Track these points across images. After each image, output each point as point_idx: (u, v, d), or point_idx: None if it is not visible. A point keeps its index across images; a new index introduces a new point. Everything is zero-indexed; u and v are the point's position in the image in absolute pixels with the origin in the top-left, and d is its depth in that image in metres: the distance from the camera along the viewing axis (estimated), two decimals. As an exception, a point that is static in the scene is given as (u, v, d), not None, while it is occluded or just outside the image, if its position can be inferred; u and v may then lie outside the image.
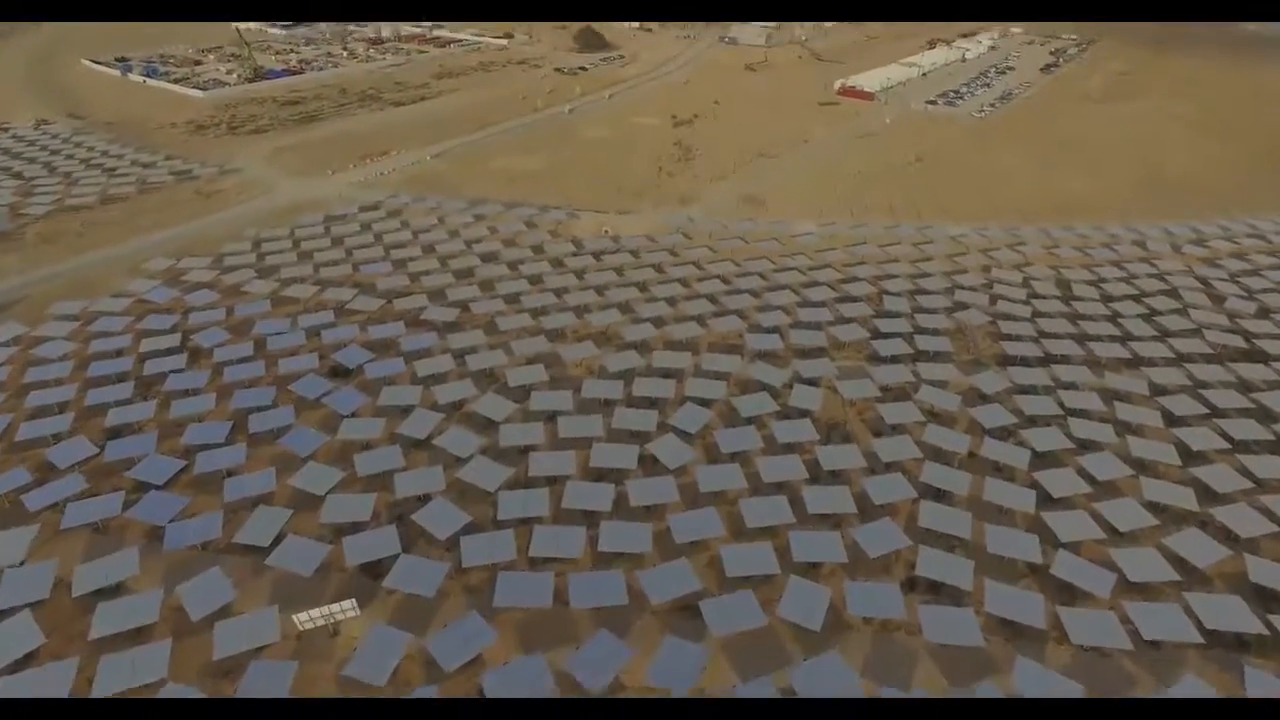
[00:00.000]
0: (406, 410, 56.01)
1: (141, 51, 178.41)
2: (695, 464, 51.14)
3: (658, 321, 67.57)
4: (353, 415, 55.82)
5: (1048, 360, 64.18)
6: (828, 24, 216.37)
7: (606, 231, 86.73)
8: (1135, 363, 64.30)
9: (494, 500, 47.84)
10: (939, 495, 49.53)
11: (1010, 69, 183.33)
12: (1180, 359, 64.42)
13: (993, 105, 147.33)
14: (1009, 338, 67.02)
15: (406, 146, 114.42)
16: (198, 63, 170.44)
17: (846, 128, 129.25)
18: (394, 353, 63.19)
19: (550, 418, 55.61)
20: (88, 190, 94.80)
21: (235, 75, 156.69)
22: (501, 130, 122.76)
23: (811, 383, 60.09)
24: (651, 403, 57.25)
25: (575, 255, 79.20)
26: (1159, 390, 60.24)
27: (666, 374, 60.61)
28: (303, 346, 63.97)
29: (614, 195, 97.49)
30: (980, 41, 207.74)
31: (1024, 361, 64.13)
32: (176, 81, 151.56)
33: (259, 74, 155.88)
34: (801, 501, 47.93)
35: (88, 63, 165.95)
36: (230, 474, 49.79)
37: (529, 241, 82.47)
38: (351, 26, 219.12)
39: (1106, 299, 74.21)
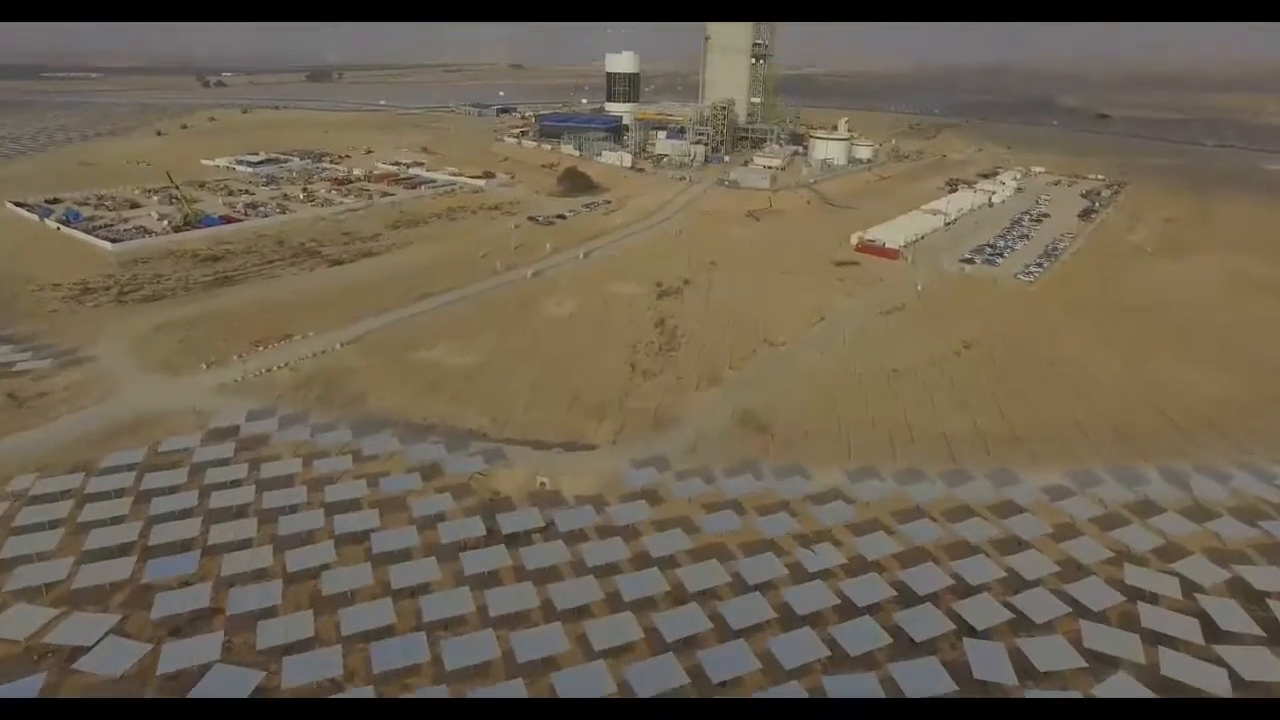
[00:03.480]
0: None
1: (84, 191, 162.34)
2: None
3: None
4: None
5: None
6: (836, 163, 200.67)
7: (543, 484, 60.32)
8: None
9: None
10: None
11: (1045, 215, 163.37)
12: None
13: (1039, 264, 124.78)
14: (1200, 748, 38.37)
15: (320, 325, 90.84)
16: (135, 205, 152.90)
17: (870, 298, 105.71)
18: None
19: None
20: None
21: (166, 222, 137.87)
22: (444, 303, 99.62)
23: None
24: None
25: (482, 547, 52.07)
26: None
27: None
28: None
29: (566, 412, 71.97)
30: (1004, 183, 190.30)
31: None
32: (95, 229, 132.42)
33: (189, 221, 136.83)
34: None
35: (10, 205, 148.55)
36: None
37: (422, 509, 55.78)
38: (325, 164, 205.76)
39: (1336, 637, 45.70)
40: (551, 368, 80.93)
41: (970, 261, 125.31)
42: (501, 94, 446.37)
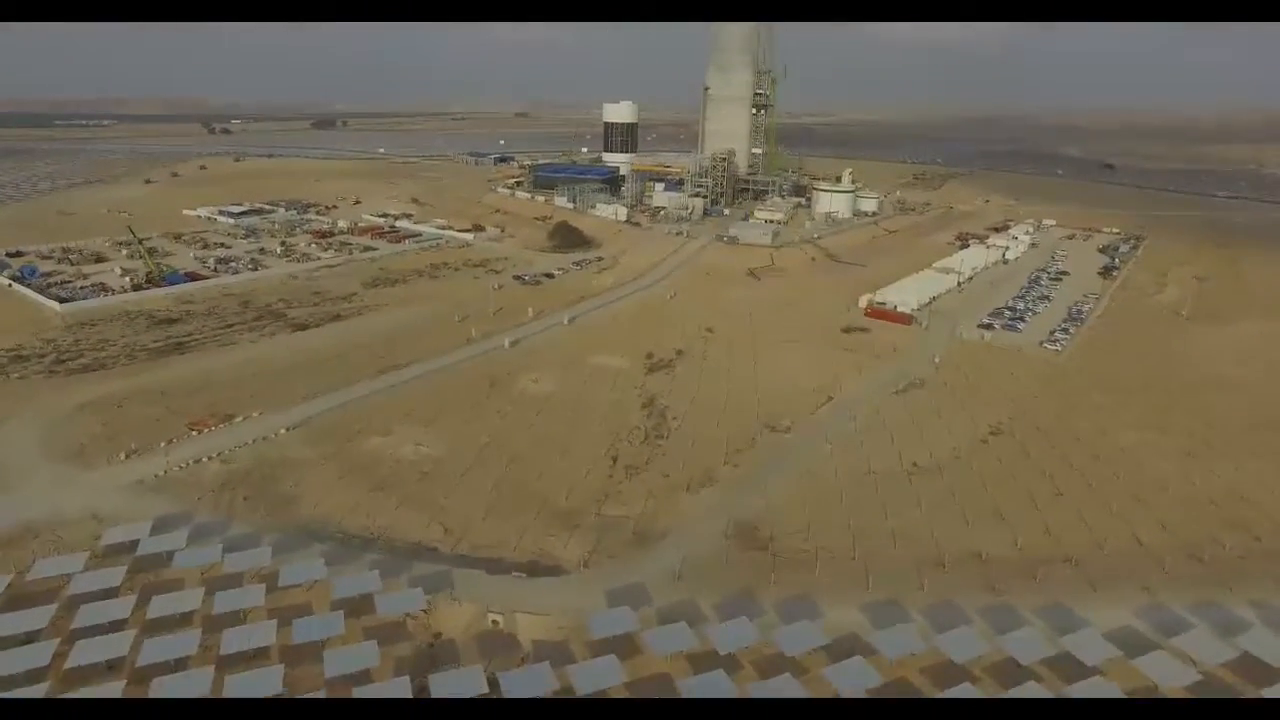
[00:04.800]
0: None
1: (51, 243, 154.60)
2: None
3: None
4: None
5: None
6: (841, 216, 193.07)
7: (495, 623, 49.35)
8: None
9: None
10: None
11: (1064, 273, 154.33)
12: None
13: (1064, 330, 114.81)
14: None
15: (268, 403, 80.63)
16: (100, 259, 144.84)
17: (883, 372, 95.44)
18: None
19: None
20: None
21: (128, 279, 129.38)
22: (409, 378, 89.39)
23: None
24: None
25: (403, 726, 40.86)
26: None
27: None
28: None
29: (533, 521, 61.15)
30: (1016, 237, 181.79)
31: None
32: (49, 286, 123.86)
33: (152, 278, 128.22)
34: None
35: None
36: None
37: (339, 665, 44.42)
38: (311, 215, 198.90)
39: None
40: (520, 462, 70.29)
41: (989, 327, 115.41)
42: (502, 142, 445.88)
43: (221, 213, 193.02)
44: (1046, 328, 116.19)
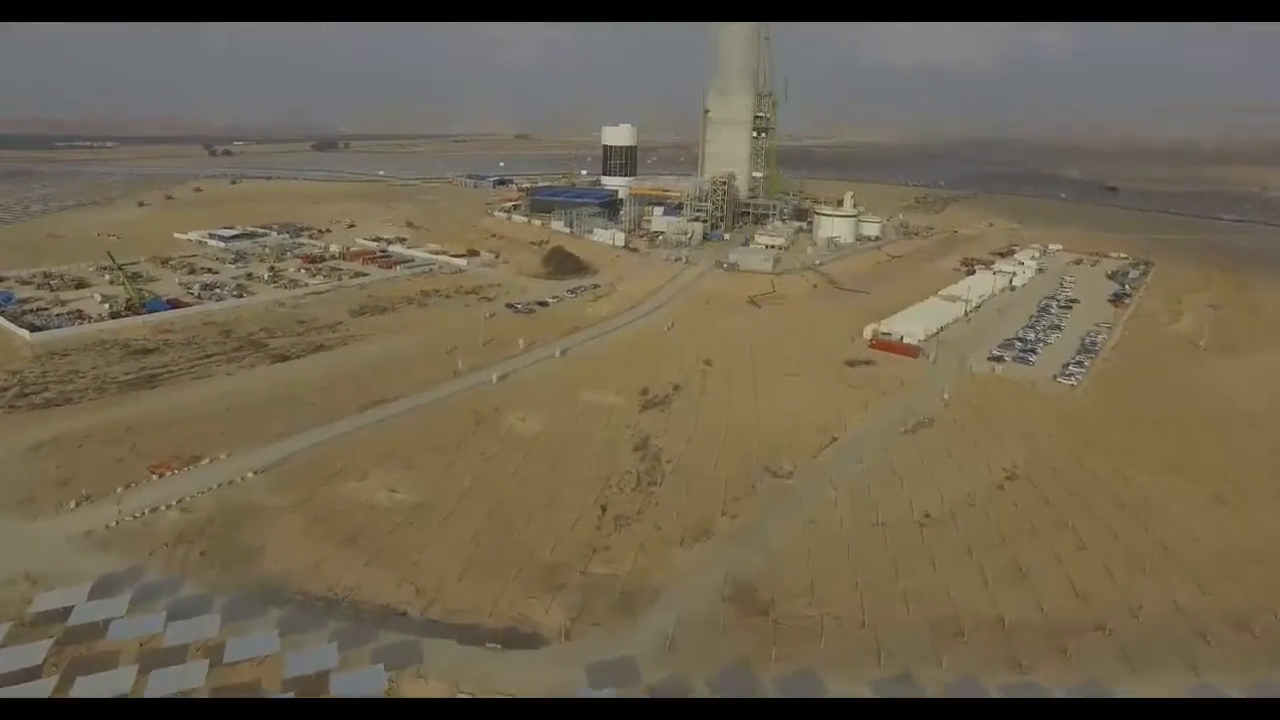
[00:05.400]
0: None
1: (32, 268, 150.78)
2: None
3: None
4: None
5: None
6: (843, 240, 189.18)
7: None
8: None
9: None
10: None
11: (1074, 301, 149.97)
12: None
13: (1078, 363, 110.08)
14: None
15: (239, 443, 75.84)
16: (82, 285, 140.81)
17: (889, 409, 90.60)
18: None
19: None
20: None
21: (107, 306, 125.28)
22: (390, 414, 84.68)
23: None
24: None
25: (348, 842, 35.77)
26: None
27: None
28: None
29: (512, 581, 56.04)
30: (1023, 263, 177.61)
31: None
32: (23, 313, 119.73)
33: (132, 306, 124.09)
34: None
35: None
36: None
37: (280, 763, 39.69)
38: (304, 238, 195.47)
39: None
40: (503, 510, 65.32)
41: (1000, 359, 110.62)
42: (502, 164, 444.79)
43: (212, 236, 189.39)
44: (1059, 360, 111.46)
